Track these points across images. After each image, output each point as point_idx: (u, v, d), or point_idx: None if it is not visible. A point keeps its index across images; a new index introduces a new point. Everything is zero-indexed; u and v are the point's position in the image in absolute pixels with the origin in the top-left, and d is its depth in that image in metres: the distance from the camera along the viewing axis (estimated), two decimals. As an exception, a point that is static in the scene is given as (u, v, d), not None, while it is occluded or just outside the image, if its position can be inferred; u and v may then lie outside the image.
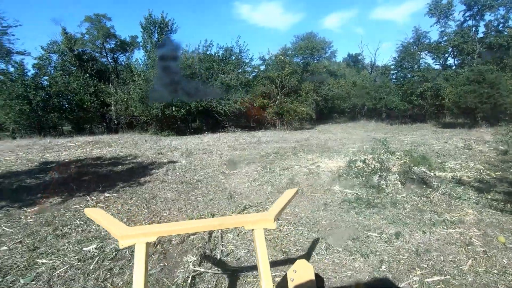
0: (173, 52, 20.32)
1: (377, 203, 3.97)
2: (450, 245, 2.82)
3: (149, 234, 1.27)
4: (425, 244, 2.85)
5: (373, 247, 2.79)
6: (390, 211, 3.67)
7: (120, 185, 5.58)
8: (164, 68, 17.98)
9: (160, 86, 16.98)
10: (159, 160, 8.44)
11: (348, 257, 2.63)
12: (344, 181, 5.17)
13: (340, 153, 8.48)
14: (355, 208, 3.80)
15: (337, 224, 3.35)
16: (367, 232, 3.10)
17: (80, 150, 11.46)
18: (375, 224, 3.31)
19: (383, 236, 3.02)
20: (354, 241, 2.92)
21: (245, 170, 6.64)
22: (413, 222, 3.36)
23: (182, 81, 18.17)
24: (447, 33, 20.37)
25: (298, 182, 5.27)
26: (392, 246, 2.81)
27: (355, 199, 4.14)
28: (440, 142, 11.27)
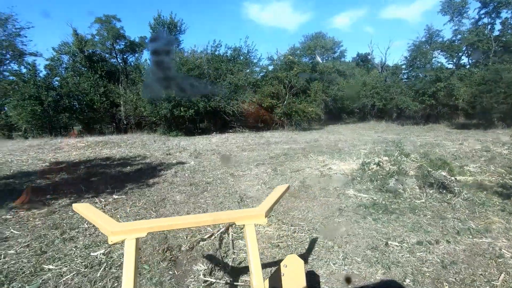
0: (180, 52, 20.40)
1: (395, 208, 3.78)
2: (478, 257, 2.62)
3: (139, 230, 1.25)
4: (450, 255, 2.66)
5: (394, 258, 2.61)
6: (409, 218, 3.48)
7: (129, 186, 5.52)
8: (167, 67, 18.05)
9: (167, 87, 17.00)
10: (168, 161, 8.39)
11: (369, 269, 2.46)
12: (358, 184, 4.98)
13: (351, 155, 8.26)
14: (372, 214, 3.62)
15: (353, 232, 3.18)
16: (386, 241, 2.92)
17: (89, 150, 11.52)
18: (394, 232, 3.13)
19: (404, 245, 2.83)
20: (374, 251, 2.74)
21: (255, 172, 6.51)
22: (435, 230, 3.16)
23: (190, 81, 18.17)
24: (461, 32, 19.82)
25: (310, 185, 5.10)
26: (415, 257, 2.63)
27: (371, 204, 3.95)
28: (455, 143, 10.92)
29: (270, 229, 3.30)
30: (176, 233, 3.28)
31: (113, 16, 21.86)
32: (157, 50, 17.49)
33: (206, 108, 18.39)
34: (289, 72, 23.01)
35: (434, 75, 18.36)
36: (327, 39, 30.86)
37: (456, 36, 20.24)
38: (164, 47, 18.34)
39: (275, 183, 5.39)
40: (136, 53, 24.98)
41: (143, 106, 18.51)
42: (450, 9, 19.92)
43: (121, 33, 22.49)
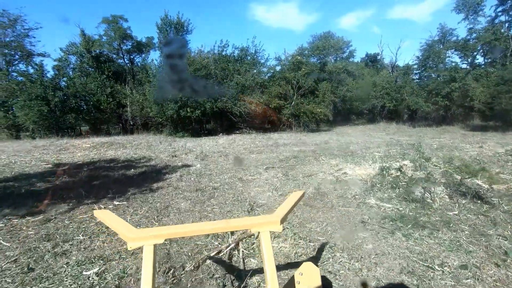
0: (187, 53, 20.15)
1: (426, 222, 3.35)
2: (539, 286, 2.18)
3: (157, 236, 1.30)
4: (504, 283, 2.23)
5: (437, 286, 2.19)
6: (445, 234, 3.05)
7: (131, 191, 5.19)
8: (178, 68, 17.79)
9: (174, 87, 16.75)
10: (173, 164, 8.06)
11: (409, 301, 2.06)
12: (379, 192, 4.55)
13: (366, 158, 7.81)
14: (401, 229, 3.20)
15: (382, 250, 2.77)
16: (423, 263, 2.50)
17: (94, 151, 11.30)
18: (430, 252, 2.70)
19: (446, 269, 2.41)
20: (411, 276, 2.33)
21: (265, 176, 6.12)
22: (478, 249, 2.73)
23: (197, 82, 17.90)
24: (476, 30, 19.11)
25: (326, 192, 4.69)
26: (462, 285, 2.20)
27: (398, 216, 3.52)
28: (474, 146, 10.36)
29: (286, 245, 2.91)
30: (180, 248, 2.92)
31: (120, 16, 21.79)
32: (170, 53, 17.32)
33: (212, 108, 18.10)
34: (297, 73, 22.59)
35: (448, 75, 17.70)
36: (336, 38, 30.33)
37: (471, 35, 19.53)
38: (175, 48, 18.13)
39: (287, 189, 5.00)
40: (143, 54, 24.90)
41: (150, 107, 18.31)
42: (465, 7, 19.23)
43: (128, 33, 22.40)
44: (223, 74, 19.32)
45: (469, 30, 19.48)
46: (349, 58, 32.26)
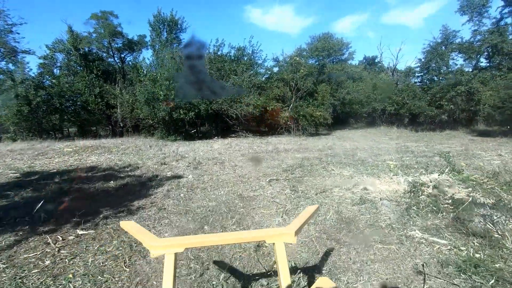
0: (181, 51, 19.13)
1: (507, 270, 2.37)
2: None
3: (177, 246, 1.38)
4: None
5: None
6: (549, 298, 2.07)
7: (104, 213, 4.13)
8: (172, 68, 16.75)
9: (167, 87, 15.68)
10: (161, 173, 7.00)
11: None
12: (419, 218, 3.57)
13: (381, 168, 6.87)
14: (476, 283, 2.21)
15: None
16: None
17: (76, 156, 10.17)
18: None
19: None
20: None
21: (269, 192, 5.11)
22: None
23: (190, 82, 16.85)
24: (481, 32, 18.48)
25: (351, 218, 3.69)
26: None
27: (467, 262, 2.53)
28: (491, 154, 9.53)
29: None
30: None
31: (110, 12, 20.64)
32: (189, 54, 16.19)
33: (207, 110, 17.05)
34: (296, 74, 21.74)
35: (453, 78, 16.98)
36: (335, 40, 29.59)
37: (475, 37, 18.91)
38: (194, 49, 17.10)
39: (299, 211, 4.00)
40: (135, 52, 23.73)
41: (140, 108, 17.15)
42: (469, 9, 18.62)
43: (118, 30, 21.26)
44: (218, 74, 18.30)
45: (473, 32, 18.88)
46: (348, 60, 31.57)
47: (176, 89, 15.75)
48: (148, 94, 16.06)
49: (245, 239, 1.70)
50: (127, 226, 1.64)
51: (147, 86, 16.35)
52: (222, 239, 1.67)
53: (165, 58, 18.07)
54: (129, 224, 1.65)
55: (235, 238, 1.61)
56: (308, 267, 2.58)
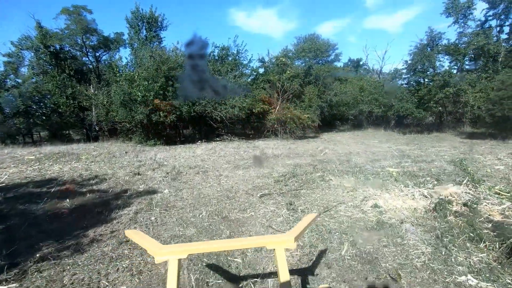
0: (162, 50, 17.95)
1: None
2: None
3: (180, 252, 1.45)
4: None
5: None
6: None
7: (43, 250, 3.08)
8: (151, 67, 15.55)
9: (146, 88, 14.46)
10: (132, 187, 5.93)
11: None
12: (459, 251, 2.76)
13: (382, 177, 6.13)
14: None
15: None
16: None
17: (36, 166, 8.85)
18: None
19: None
20: None
21: (262, 212, 4.20)
22: None
23: (171, 83, 15.72)
24: (466, 34, 18.48)
25: (374, 255, 2.81)
26: None
27: None
28: (490, 158, 9.04)
29: None
30: None
31: (83, 7, 19.09)
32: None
33: (190, 113, 15.94)
34: (282, 75, 21.03)
35: (441, 80, 16.79)
36: (321, 41, 29.18)
37: (460, 39, 18.91)
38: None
39: (305, 244, 3.10)
40: (111, 51, 22.18)
41: (116, 110, 15.79)
42: (455, 10, 18.59)
43: (92, 27, 19.72)
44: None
45: (459, 34, 18.86)
46: (334, 61, 31.28)
47: (155, 90, 14.58)
48: (124, 95, 14.77)
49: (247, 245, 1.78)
50: (131, 234, 1.75)
51: (123, 86, 15.05)
52: (224, 246, 1.74)
53: (144, 57, 16.83)
54: (134, 232, 1.78)
55: (237, 244, 1.75)
56: None
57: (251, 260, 2.78)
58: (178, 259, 1.41)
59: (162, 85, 15.24)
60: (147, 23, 20.17)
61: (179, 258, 1.42)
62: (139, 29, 20.36)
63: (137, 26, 20.18)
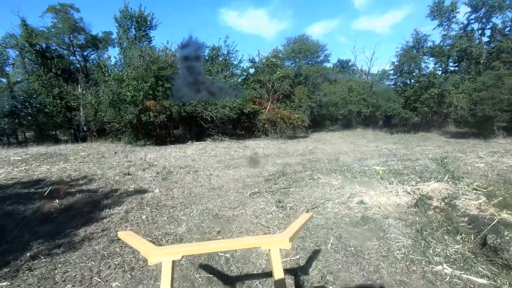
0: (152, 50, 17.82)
1: None
2: None
3: (174, 253, 1.42)
4: None
5: None
6: None
7: (34, 249, 3.09)
8: (141, 67, 15.44)
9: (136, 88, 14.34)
10: (123, 187, 5.94)
11: None
12: (437, 243, 2.93)
13: (369, 175, 6.34)
14: None
15: None
16: None
17: (22, 167, 8.70)
18: None
19: None
20: None
21: (252, 209, 4.30)
22: None
23: (161, 82, 15.64)
24: (450, 36, 19.08)
25: (359, 248, 2.96)
26: None
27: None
28: (471, 156, 9.42)
29: None
30: None
31: (70, 5, 18.74)
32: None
33: (180, 113, 15.90)
34: (272, 76, 21.19)
35: (427, 81, 17.29)
36: (311, 42, 29.50)
37: (444, 41, 19.51)
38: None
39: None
40: (99, 50, 21.85)
41: (104, 111, 15.60)
42: (439, 14, 19.16)
43: (79, 26, 19.38)
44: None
45: (443, 36, 19.45)
46: (324, 62, 31.66)
47: (145, 90, 14.48)
48: (113, 95, 14.61)
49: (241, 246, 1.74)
50: (124, 236, 1.68)
51: (112, 86, 14.88)
52: (219, 246, 1.73)
53: (134, 56, 16.68)
54: (127, 234, 1.70)
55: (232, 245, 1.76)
56: None
57: (240, 256, 2.88)
58: (172, 261, 1.40)
59: (152, 85, 15.16)
60: (136, 22, 19.98)
61: (173, 260, 1.40)
62: (128, 28, 20.15)
63: (126, 25, 19.96)
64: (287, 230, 1.62)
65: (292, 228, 1.63)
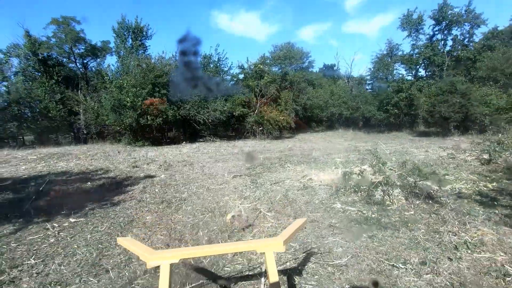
0: (147, 58, 19.45)
1: (387, 223, 3.60)
2: (485, 276, 2.46)
3: (172, 257, 1.46)
4: (457, 275, 2.48)
5: (403, 283, 2.36)
6: (404, 233, 3.30)
7: (89, 206, 4.80)
8: (138, 75, 17.06)
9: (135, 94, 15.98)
10: (135, 175, 7.64)
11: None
12: (343, 196, 4.79)
13: (328, 164, 8.18)
14: (366, 231, 3.39)
15: (351, 253, 2.90)
16: (389, 262, 2.68)
17: (42, 163, 10.26)
18: (394, 251, 2.91)
19: (409, 266, 2.61)
20: (379, 276, 2.48)
21: (233, 184, 6.09)
22: (433, 245, 3.00)
23: (157, 89, 17.29)
24: (418, 46, 21.37)
25: (294, 199, 4.80)
26: (423, 280, 2.40)
27: (363, 219, 3.74)
28: (421, 151, 11.39)
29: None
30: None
31: (72, 18, 20.29)
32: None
33: (175, 116, 17.60)
34: (260, 81, 23.03)
35: (396, 86, 19.44)
36: (296, 49, 31.62)
37: (414, 50, 21.78)
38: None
39: (257, 197, 5.02)
40: (98, 58, 23.40)
41: (106, 115, 17.18)
42: (408, 25, 21.42)
43: (80, 36, 20.92)
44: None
45: (412, 46, 21.75)
46: (308, 68, 33.77)
47: (143, 96, 16.13)
48: (114, 100, 16.22)
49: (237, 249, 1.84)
50: (123, 241, 1.80)
51: (113, 93, 16.50)
52: (215, 250, 1.80)
53: (131, 65, 18.31)
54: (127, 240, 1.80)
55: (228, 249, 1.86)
56: (253, 227, 3.60)
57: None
58: (170, 264, 1.42)
59: (149, 91, 16.81)
60: (132, 32, 21.62)
61: (171, 263, 1.42)
62: (125, 38, 21.76)
63: (123, 36, 21.57)
64: (282, 234, 1.68)
65: (287, 232, 1.69)
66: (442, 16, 19.54)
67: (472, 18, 19.13)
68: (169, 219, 4.13)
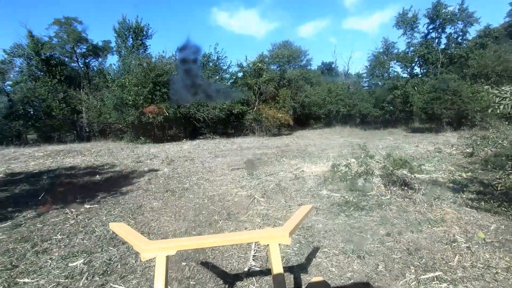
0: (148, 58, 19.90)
1: (364, 205, 4.12)
2: (437, 243, 2.98)
3: (169, 248, 1.35)
4: (414, 243, 2.99)
5: (367, 249, 2.88)
6: (377, 213, 3.82)
7: (101, 195, 5.31)
8: (140, 74, 17.52)
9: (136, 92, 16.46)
10: (139, 169, 8.15)
11: (346, 259, 2.70)
12: (330, 185, 5.30)
13: (321, 158, 8.69)
14: (345, 211, 3.91)
15: (329, 228, 3.42)
16: (359, 234, 3.20)
17: (50, 160, 10.76)
18: (365, 226, 3.42)
19: (375, 237, 3.13)
20: (349, 243, 3.00)
21: (231, 176, 6.60)
22: (400, 222, 3.51)
23: (158, 87, 17.76)
24: (413, 44, 21.83)
25: (286, 187, 5.32)
26: (385, 246, 2.92)
27: (344, 202, 4.26)
28: (411, 146, 11.90)
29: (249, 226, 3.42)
30: (158, 239, 3.27)
31: (74, 18, 20.73)
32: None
33: (176, 114, 18.08)
34: (258, 79, 23.49)
35: (391, 83, 19.92)
36: (294, 47, 32.04)
37: (409, 48, 22.22)
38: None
39: (252, 186, 5.54)
40: (100, 58, 23.86)
41: (108, 113, 17.67)
42: (404, 24, 21.86)
43: (82, 36, 21.36)
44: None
45: (407, 44, 22.21)
46: (307, 66, 34.21)
47: (144, 95, 16.61)
48: (116, 99, 16.71)
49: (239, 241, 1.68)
50: (116, 227, 1.57)
51: (115, 91, 16.97)
52: (215, 241, 1.62)
53: (132, 64, 18.77)
54: (119, 226, 1.58)
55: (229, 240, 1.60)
56: (244, 209, 4.11)
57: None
58: (166, 256, 1.33)
59: (150, 90, 17.29)
60: (133, 32, 22.04)
61: (167, 255, 1.33)
62: (126, 38, 22.20)
63: (124, 35, 22.00)
64: (286, 224, 1.54)
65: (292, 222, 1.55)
66: (436, 15, 19.99)
67: (465, 16, 19.60)
68: (173, 204, 4.64)
